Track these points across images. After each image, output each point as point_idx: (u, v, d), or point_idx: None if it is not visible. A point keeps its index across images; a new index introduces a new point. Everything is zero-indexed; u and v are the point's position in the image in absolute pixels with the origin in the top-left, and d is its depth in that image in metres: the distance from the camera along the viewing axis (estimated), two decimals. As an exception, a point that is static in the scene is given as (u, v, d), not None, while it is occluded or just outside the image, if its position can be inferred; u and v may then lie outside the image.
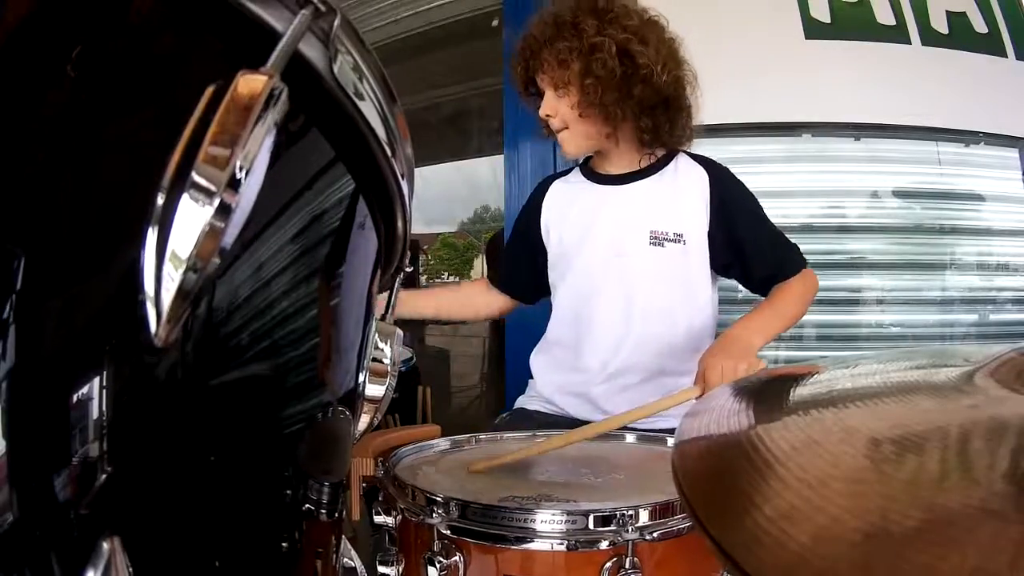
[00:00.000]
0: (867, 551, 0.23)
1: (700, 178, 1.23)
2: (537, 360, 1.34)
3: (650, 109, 1.17)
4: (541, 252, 1.34)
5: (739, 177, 1.27)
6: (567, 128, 1.21)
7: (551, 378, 1.30)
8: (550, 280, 1.34)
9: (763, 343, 1.13)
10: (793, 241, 1.26)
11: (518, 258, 1.40)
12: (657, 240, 1.20)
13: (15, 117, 0.26)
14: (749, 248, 1.22)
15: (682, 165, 1.25)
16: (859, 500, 0.26)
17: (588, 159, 1.34)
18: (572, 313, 1.27)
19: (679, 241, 1.20)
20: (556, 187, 1.36)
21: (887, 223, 2.20)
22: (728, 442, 0.34)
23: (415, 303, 1.39)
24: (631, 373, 1.22)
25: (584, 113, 1.17)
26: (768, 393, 0.42)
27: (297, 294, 0.37)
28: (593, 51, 1.13)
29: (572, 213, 1.30)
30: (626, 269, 1.22)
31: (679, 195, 1.23)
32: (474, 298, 1.46)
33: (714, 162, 1.27)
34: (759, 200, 1.26)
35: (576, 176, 1.34)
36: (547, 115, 1.21)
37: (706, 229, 1.21)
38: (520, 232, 1.41)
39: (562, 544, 0.66)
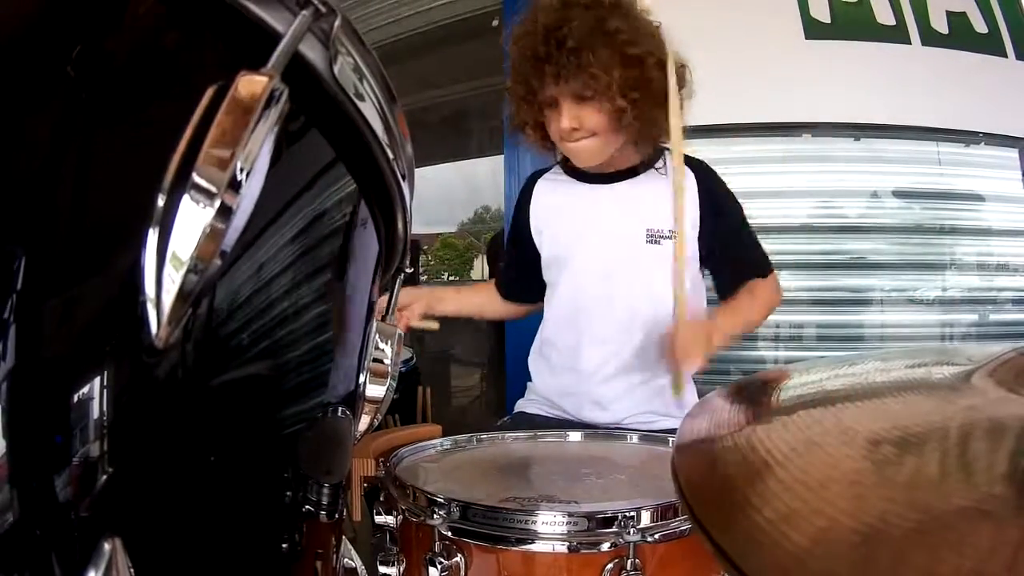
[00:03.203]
0: (866, 553, 0.23)
1: (688, 176, 1.23)
2: (535, 362, 1.34)
3: (663, 116, 1.16)
4: (536, 253, 1.33)
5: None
6: (595, 136, 1.15)
7: (551, 380, 1.30)
8: (545, 280, 1.33)
9: (726, 333, 1.15)
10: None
11: (518, 262, 1.38)
12: (653, 238, 1.20)
13: (15, 117, 0.26)
14: (728, 245, 1.23)
15: (670, 163, 1.24)
16: (858, 502, 0.26)
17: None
18: (570, 314, 1.26)
19: (674, 237, 1.20)
20: (541, 186, 1.34)
21: (887, 223, 2.21)
22: (728, 444, 0.34)
23: (470, 301, 1.45)
24: (634, 373, 1.22)
25: (622, 124, 1.12)
26: (767, 394, 0.42)
27: (298, 295, 0.37)
28: (638, 62, 1.09)
29: (564, 213, 1.29)
30: (624, 268, 1.22)
31: (671, 192, 1.22)
32: (494, 301, 1.46)
33: (700, 161, 1.27)
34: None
35: (560, 174, 1.32)
36: (572, 127, 1.13)
37: (697, 225, 1.22)
38: (514, 236, 1.40)
39: (563, 545, 0.66)
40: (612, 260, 1.22)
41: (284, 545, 0.39)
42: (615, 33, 1.09)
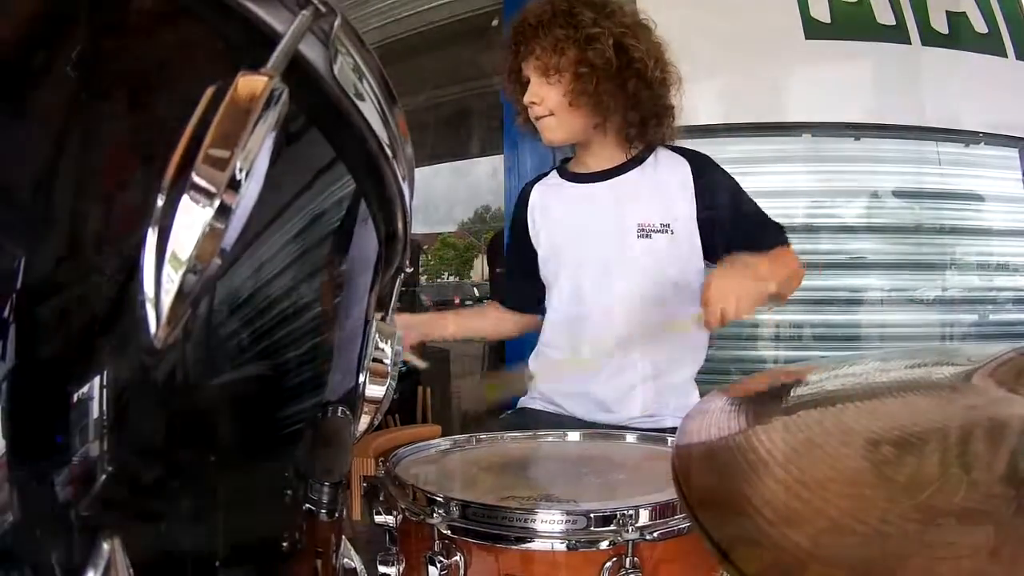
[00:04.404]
0: (866, 553, 0.23)
1: (682, 167, 1.23)
2: (536, 363, 1.34)
3: (639, 104, 1.18)
4: (535, 256, 1.34)
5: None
6: (552, 115, 1.21)
7: (552, 380, 1.30)
8: (544, 281, 1.33)
9: (766, 280, 1.04)
10: (786, 233, 1.26)
11: (518, 268, 1.39)
12: (644, 232, 1.20)
13: (15, 117, 0.26)
14: (727, 220, 1.21)
15: (662, 157, 1.26)
16: (858, 502, 0.26)
17: (565, 160, 1.36)
18: (566, 314, 1.27)
19: (666, 231, 1.20)
20: (537, 191, 1.36)
21: (887, 223, 2.21)
22: (728, 444, 0.34)
23: (471, 326, 1.47)
24: (632, 370, 1.22)
25: (575, 102, 1.18)
26: (767, 394, 0.42)
27: (297, 295, 0.37)
28: (590, 41, 1.14)
29: (558, 213, 1.31)
30: (616, 265, 1.22)
31: (662, 185, 1.23)
32: (496, 320, 1.46)
33: (694, 151, 1.28)
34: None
35: (555, 178, 1.34)
36: (532, 102, 1.21)
37: (694, 216, 1.21)
38: (513, 244, 1.41)
39: (562, 544, 0.66)
40: (605, 256, 1.23)
41: (284, 544, 0.39)
42: (577, 15, 1.15)
